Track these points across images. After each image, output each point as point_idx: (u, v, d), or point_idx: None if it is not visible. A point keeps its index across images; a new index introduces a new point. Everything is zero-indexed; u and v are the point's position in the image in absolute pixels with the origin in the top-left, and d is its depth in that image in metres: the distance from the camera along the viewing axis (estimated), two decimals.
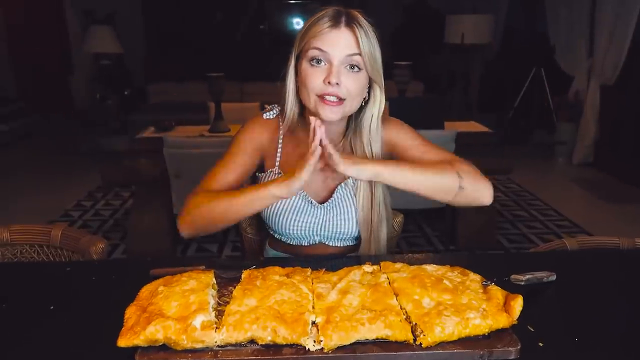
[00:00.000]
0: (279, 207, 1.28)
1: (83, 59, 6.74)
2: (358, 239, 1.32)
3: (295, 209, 1.28)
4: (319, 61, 1.14)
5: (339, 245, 1.34)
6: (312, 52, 1.13)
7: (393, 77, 3.97)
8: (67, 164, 5.31)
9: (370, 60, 1.14)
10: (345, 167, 1.06)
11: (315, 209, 1.28)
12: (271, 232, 1.38)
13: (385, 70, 1.22)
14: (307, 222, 1.29)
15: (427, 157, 1.22)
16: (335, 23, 1.13)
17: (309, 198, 1.28)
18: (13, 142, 6.18)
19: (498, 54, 6.84)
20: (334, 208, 1.28)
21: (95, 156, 5.29)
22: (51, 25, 7.31)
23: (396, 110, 2.58)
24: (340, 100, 1.15)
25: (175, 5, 7.30)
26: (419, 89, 5.94)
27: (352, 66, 1.14)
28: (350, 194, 1.28)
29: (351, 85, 1.14)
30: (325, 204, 1.28)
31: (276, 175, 1.29)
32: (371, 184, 1.27)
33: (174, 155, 2.83)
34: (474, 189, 1.16)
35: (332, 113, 1.15)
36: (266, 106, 1.38)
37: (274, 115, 1.31)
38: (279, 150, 1.30)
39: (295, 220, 1.28)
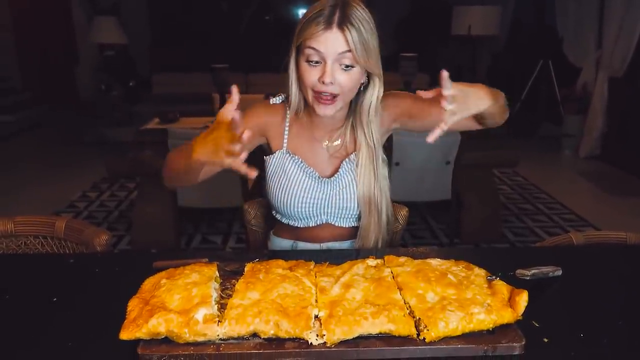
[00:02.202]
0: (285, 186, 1.32)
1: (88, 49, 6.74)
2: (360, 218, 1.35)
3: (302, 186, 1.32)
4: (314, 60, 1.19)
5: (344, 225, 1.37)
6: (308, 51, 1.19)
7: (398, 69, 3.94)
8: (71, 155, 5.32)
9: (362, 56, 1.19)
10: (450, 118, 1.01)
11: (321, 184, 1.32)
12: (278, 217, 1.41)
13: (390, 62, 1.23)
14: (313, 198, 1.32)
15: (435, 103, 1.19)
16: (328, 24, 1.17)
17: (316, 174, 1.32)
18: (19, 133, 6.21)
19: (505, 46, 6.78)
20: (339, 183, 1.32)
21: (100, 147, 5.32)
22: (56, 16, 7.31)
23: None
24: (334, 96, 1.21)
25: None
26: (425, 81, 5.89)
27: (345, 65, 1.19)
28: (353, 169, 1.33)
29: (344, 82, 1.20)
30: (331, 179, 1.32)
31: (284, 156, 1.33)
32: (372, 159, 1.31)
33: None
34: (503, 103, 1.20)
35: (327, 109, 1.23)
36: (270, 97, 1.41)
37: (280, 100, 1.38)
38: (286, 132, 1.35)
39: (302, 197, 1.32)
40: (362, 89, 1.29)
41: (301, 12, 7.38)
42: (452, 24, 5.31)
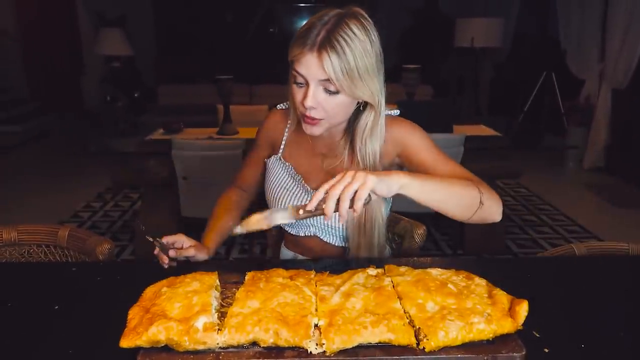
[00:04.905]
0: (273, 189, 1.34)
1: (94, 60, 6.81)
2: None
3: (289, 189, 1.32)
4: (300, 82, 1.12)
5: (332, 242, 1.35)
6: (294, 72, 1.12)
7: (401, 80, 3.96)
8: (76, 165, 5.35)
9: (346, 83, 1.07)
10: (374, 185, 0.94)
11: (307, 193, 1.30)
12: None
13: (393, 74, 1.18)
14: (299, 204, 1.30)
15: (440, 167, 1.19)
16: (310, 46, 1.06)
17: (302, 181, 1.31)
18: (25, 143, 6.25)
19: (508, 57, 6.81)
20: None
21: (105, 157, 5.33)
22: (63, 26, 7.40)
23: (404, 114, 2.57)
24: (320, 119, 1.14)
25: (185, 7, 7.36)
26: (428, 93, 5.92)
27: (329, 90, 1.10)
28: None
29: (328, 107, 1.12)
30: None
31: (278, 161, 1.36)
32: None
33: (182, 158, 2.84)
34: (490, 205, 1.13)
35: (313, 129, 1.17)
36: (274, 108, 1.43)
37: (286, 107, 1.38)
38: (284, 138, 1.37)
39: (287, 201, 1.31)
40: (361, 108, 1.19)
41: None
42: (455, 35, 5.33)
